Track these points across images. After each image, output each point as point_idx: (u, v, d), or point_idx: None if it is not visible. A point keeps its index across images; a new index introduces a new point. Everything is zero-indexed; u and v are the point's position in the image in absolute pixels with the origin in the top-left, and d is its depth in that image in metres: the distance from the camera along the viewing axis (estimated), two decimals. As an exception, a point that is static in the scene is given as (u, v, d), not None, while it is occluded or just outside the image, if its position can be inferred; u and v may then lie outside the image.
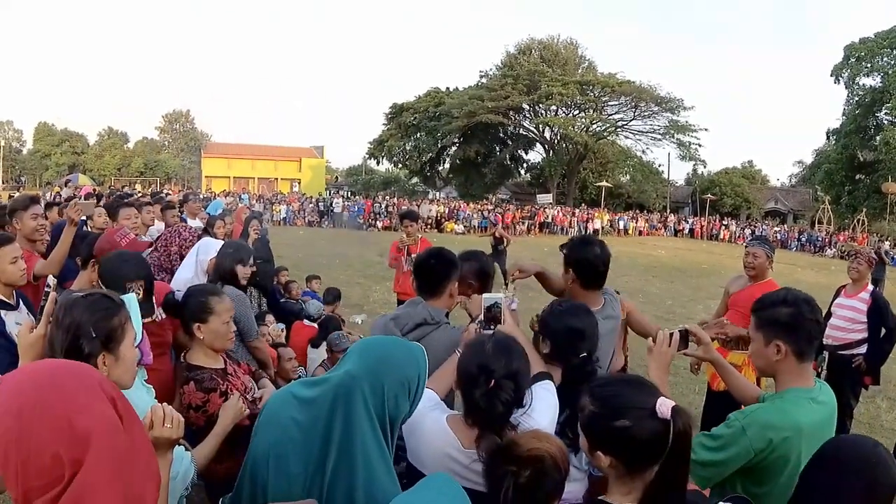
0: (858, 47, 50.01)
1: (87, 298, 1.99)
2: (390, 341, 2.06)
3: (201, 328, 3.03)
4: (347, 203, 41.12)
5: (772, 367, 2.41)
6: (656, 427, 1.70)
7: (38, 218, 4.59)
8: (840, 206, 50.50)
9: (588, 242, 3.32)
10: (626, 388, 1.81)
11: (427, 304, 3.10)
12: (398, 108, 63.03)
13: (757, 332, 2.43)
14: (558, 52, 61.71)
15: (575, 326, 2.57)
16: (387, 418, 1.83)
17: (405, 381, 1.86)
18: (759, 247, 5.44)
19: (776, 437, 2.24)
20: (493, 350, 2.14)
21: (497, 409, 2.05)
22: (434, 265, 3.16)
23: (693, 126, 54.88)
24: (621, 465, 1.76)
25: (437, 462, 2.12)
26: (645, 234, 44.98)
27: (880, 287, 18.61)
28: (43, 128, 78.05)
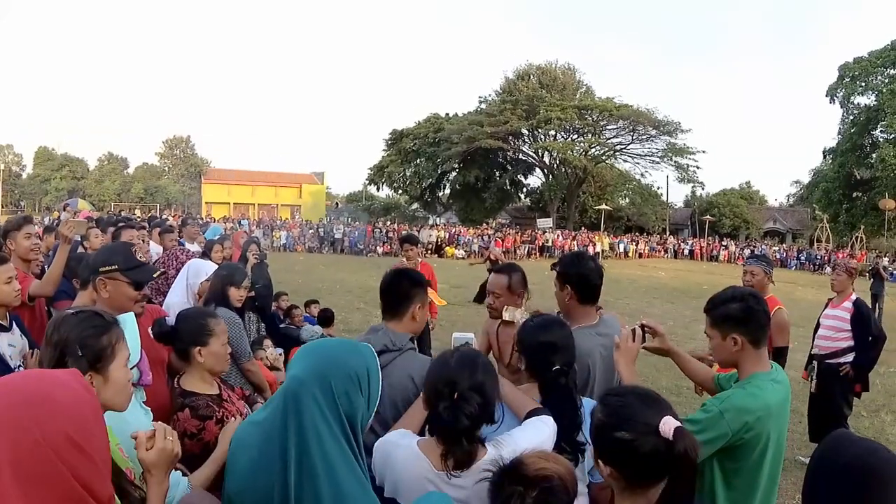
0: (853, 66, 50.41)
1: (77, 315, 1.96)
2: (333, 341, 2.03)
3: (202, 352, 2.93)
4: (348, 229, 41.15)
5: (732, 358, 2.62)
6: (658, 445, 1.68)
7: (32, 238, 4.56)
8: (838, 224, 50.68)
9: (582, 257, 3.37)
10: (636, 401, 1.80)
11: (388, 328, 2.85)
12: (398, 134, 63.24)
13: (713, 329, 2.64)
14: (556, 77, 62.14)
15: (546, 340, 2.55)
16: (343, 418, 1.74)
17: (353, 375, 1.78)
18: (756, 265, 5.52)
19: (751, 418, 2.43)
20: (456, 363, 2.12)
21: (461, 422, 1.99)
22: (398, 284, 2.96)
23: (691, 148, 55.12)
24: (621, 478, 1.76)
25: (414, 489, 2.06)
26: (645, 257, 45.06)
27: (880, 302, 18.61)
28: (43, 152, 78.49)
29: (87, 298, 3.59)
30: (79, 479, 1.23)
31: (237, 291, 4.32)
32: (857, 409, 8.46)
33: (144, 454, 1.82)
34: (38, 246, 4.52)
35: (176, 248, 6.81)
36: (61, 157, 79.02)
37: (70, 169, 78.23)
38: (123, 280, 3.10)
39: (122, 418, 2.01)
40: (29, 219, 4.82)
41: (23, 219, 4.74)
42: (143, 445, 1.82)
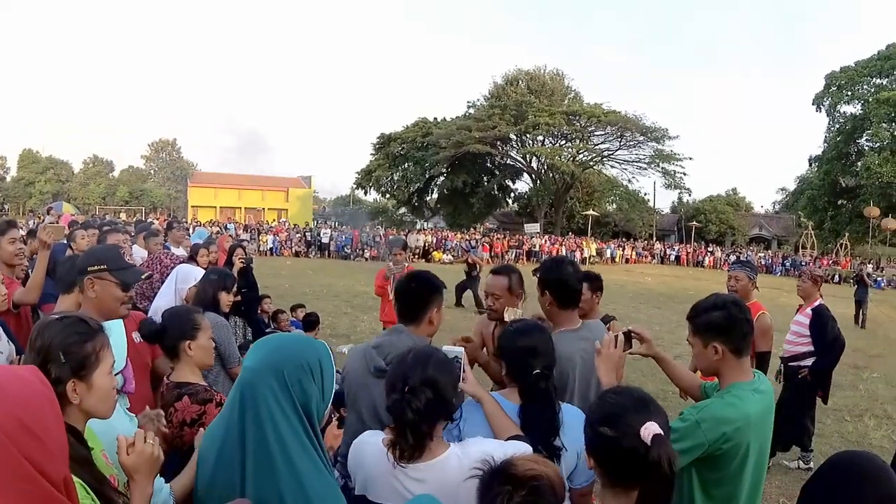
0: (839, 76, 51.07)
1: (62, 321, 1.93)
2: (286, 335, 2.06)
3: (191, 346, 2.99)
4: (335, 233, 41.04)
5: (713, 366, 2.60)
6: (637, 447, 1.70)
7: (17, 242, 4.52)
8: (823, 231, 51.22)
9: (563, 263, 3.36)
10: (628, 401, 1.84)
11: (410, 332, 2.89)
12: (386, 138, 63.23)
13: (695, 337, 2.63)
14: (545, 82, 62.37)
15: (525, 345, 2.55)
16: (298, 406, 1.76)
17: (305, 364, 1.80)
18: (740, 270, 5.57)
19: (729, 428, 2.39)
20: (412, 360, 2.14)
21: (406, 414, 2.01)
22: (415, 289, 2.96)
23: (678, 155, 55.47)
24: (603, 473, 1.82)
25: (380, 483, 2.09)
26: (632, 262, 45.22)
27: (863, 308, 18.81)
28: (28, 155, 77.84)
29: (69, 303, 3.57)
30: (31, 461, 1.25)
31: (227, 297, 4.35)
32: (840, 414, 8.56)
33: (125, 458, 1.81)
34: (23, 251, 4.48)
35: (161, 252, 6.75)
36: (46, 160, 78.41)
37: (55, 172, 77.65)
38: (111, 280, 3.10)
39: (106, 425, 1.99)
40: (13, 223, 4.78)
41: (6, 223, 4.69)
42: (123, 450, 1.82)
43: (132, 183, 79.46)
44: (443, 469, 2.04)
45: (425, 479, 2.04)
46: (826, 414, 8.48)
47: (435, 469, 2.05)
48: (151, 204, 73.69)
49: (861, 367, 12.12)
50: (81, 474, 1.71)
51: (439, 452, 2.08)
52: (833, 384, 10.25)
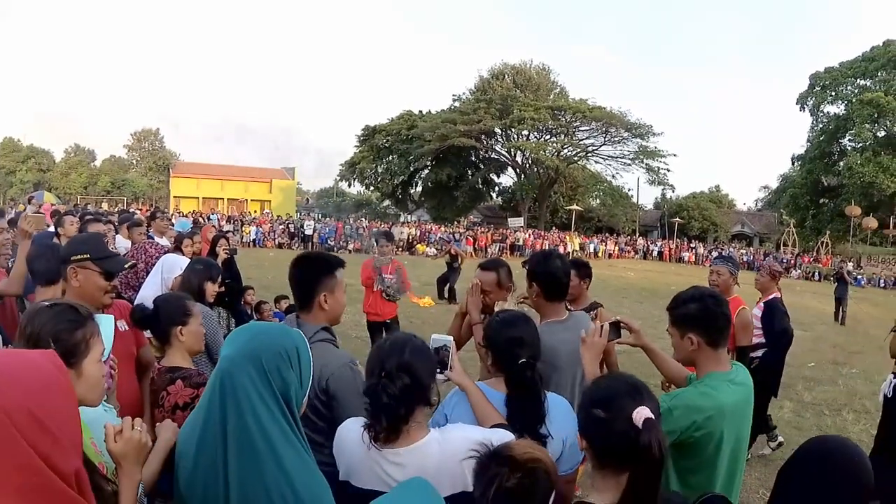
0: (823, 76, 51.50)
1: (52, 308, 1.92)
2: (262, 323, 2.06)
3: (182, 331, 3.00)
4: (318, 225, 40.91)
5: (689, 357, 2.68)
6: (627, 431, 1.74)
7: (3, 232, 4.50)
8: (805, 229, 51.68)
9: (551, 256, 3.42)
10: (621, 387, 1.88)
11: (300, 319, 2.80)
12: (370, 130, 63.08)
13: (672, 328, 2.71)
14: (531, 77, 62.44)
15: (512, 335, 2.57)
16: (278, 394, 1.75)
17: (283, 351, 1.80)
18: (722, 265, 5.61)
19: (699, 417, 2.45)
20: (388, 346, 2.16)
21: (381, 399, 2.03)
22: (300, 272, 2.84)
23: (662, 151, 55.88)
24: (594, 455, 1.87)
25: (362, 469, 2.11)
26: (615, 257, 45.38)
27: (843, 305, 19.02)
28: (8, 143, 76.81)
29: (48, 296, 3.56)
30: (39, 453, 1.23)
31: (213, 287, 4.36)
32: (819, 408, 8.68)
33: (113, 445, 1.81)
34: (9, 241, 4.45)
35: (145, 241, 6.72)
36: (27, 149, 77.41)
37: (36, 161, 76.67)
38: (95, 269, 3.08)
39: (95, 413, 1.98)
40: (1, 213, 4.74)
41: None
42: (111, 437, 1.81)
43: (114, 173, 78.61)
44: (423, 454, 2.06)
45: (405, 463, 2.06)
46: (805, 408, 8.59)
47: (415, 454, 2.06)
48: (133, 194, 73.03)
49: (840, 363, 12.28)
50: None
51: (419, 437, 2.09)
52: (813, 379, 10.47)
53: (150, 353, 3.45)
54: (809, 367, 11.65)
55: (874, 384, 10.47)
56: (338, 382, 2.55)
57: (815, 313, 20.48)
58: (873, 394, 9.79)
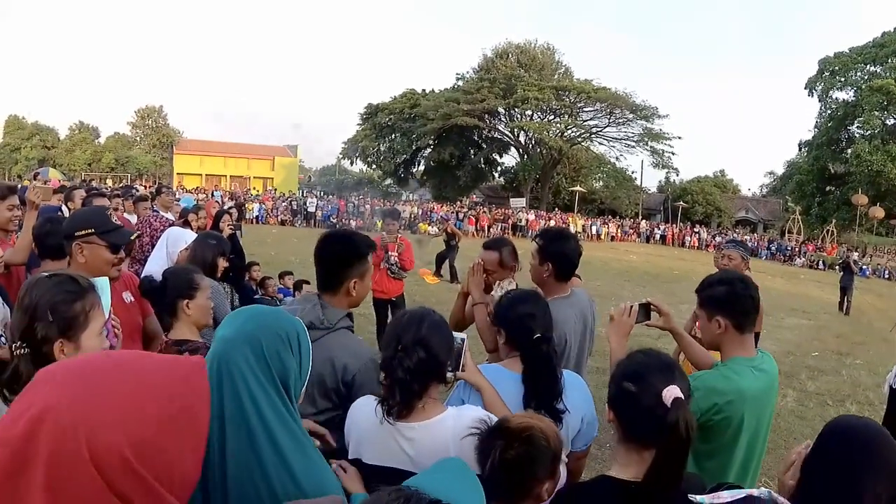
0: (833, 61, 51.02)
1: (51, 279, 1.88)
2: (261, 306, 1.93)
3: (189, 304, 2.99)
4: (321, 203, 40.92)
5: (715, 340, 2.67)
6: (655, 407, 1.77)
7: (14, 209, 4.47)
8: (810, 217, 51.37)
9: (565, 237, 3.44)
10: (653, 362, 1.91)
11: (323, 300, 2.62)
12: (373, 108, 62.91)
13: (700, 309, 2.71)
14: (535, 56, 62.01)
15: (525, 311, 2.56)
16: (276, 379, 1.64)
17: (283, 335, 1.69)
18: (734, 249, 5.49)
19: (720, 400, 2.47)
20: (406, 321, 2.14)
21: (396, 372, 2.02)
22: (335, 252, 2.66)
23: (667, 134, 55.52)
24: (620, 427, 1.89)
25: (374, 443, 2.10)
26: (618, 240, 45.32)
27: (848, 295, 18.90)
28: (13, 121, 76.68)
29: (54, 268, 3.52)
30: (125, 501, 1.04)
31: (223, 262, 4.35)
32: (822, 398, 8.67)
33: None
34: (19, 217, 4.41)
35: (150, 215, 6.69)
36: (32, 126, 77.17)
37: (41, 138, 76.48)
38: (101, 243, 3.04)
39: None
40: (14, 189, 4.70)
41: (7, 189, 4.63)
42: None
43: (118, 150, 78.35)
44: (437, 430, 2.05)
45: (417, 438, 2.05)
46: (809, 398, 8.58)
47: (429, 429, 2.06)
48: (137, 171, 72.90)
49: (844, 354, 12.25)
50: None
51: (434, 414, 2.09)
52: (816, 369, 10.47)
53: (157, 325, 3.43)
54: (813, 356, 11.65)
55: (878, 376, 10.47)
56: (363, 377, 2.48)
57: (819, 303, 20.46)
58: (877, 385, 9.79)
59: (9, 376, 1.79)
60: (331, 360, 2.45)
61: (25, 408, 1.01)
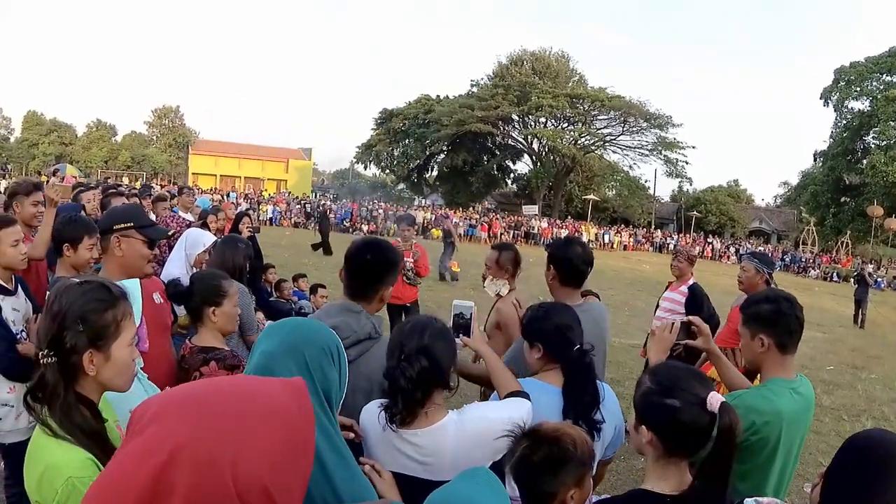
0: (848, 71, 50.67)
1: (81, 286, 1.81)
2: (298, 318, 1.95)
3: (216, 312, 2.99)
4: (334, 206, 41.01)
5: (757, 358, 2.61)
6: (702, 417, 1.78)
7: (39, 205, 4.52)
8: (825, 228, 51.03)
9: (571, 242, 3.49)
10: (685, 374, 1.90)
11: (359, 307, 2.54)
12: (388, 113, 63.08)
13: (744, 327, 2.65)
14: (550, 64, 62.01)
15: (563, 323, 2.58)
16: (320, 392, 1.64)
17: (325, 346, 1.69)
18: (748, 261, 5.50)
19: (758, 420, 2.43)
20: (408, 329, 2.15)
21: (399, 381, 2.02)
22: (372, 262, 2.58)
23: (681, 143, 55.43)
24: (660, 444, 1.83)
25: (382, 449, 2.11)
26: (630, 249, 45.12)
27: (863, 308, 18.76)
28: (32, 117, 77.28)
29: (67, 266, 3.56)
30: None
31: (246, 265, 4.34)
32: (837, 413, 8.59)
33: None
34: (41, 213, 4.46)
35: (168, 215, 6.72)
36: (50, 122, 77.80)
37: (58, 134, 77.07)
38: (138, 238, 3.06)
39: (122, 395, 1.90)
40: (39, 185, 4.74)
41: (33, 185, 4.68)
42: None
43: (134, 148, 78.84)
44: (439, 435, 2.07)
45: (421, 444, 2.06)
46: (824, 412, 8.49)
47: (432, 435, 2.07)
48: (153, 169, 73.38)
49: (860, 368, 12.16)
50: (93, 449, 1.67)
51: (437, 419, 2.09)
52: (832, 383, 10.38)
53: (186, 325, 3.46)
54: (828, 370, 11.54)
55: (893, 391, 10.40)
56: None
57: (834, 315, 20.29)
58: (892, 401, 9.74)
59: (34, 384, 1.73)
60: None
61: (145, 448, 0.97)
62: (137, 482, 0.93)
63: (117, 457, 1.02)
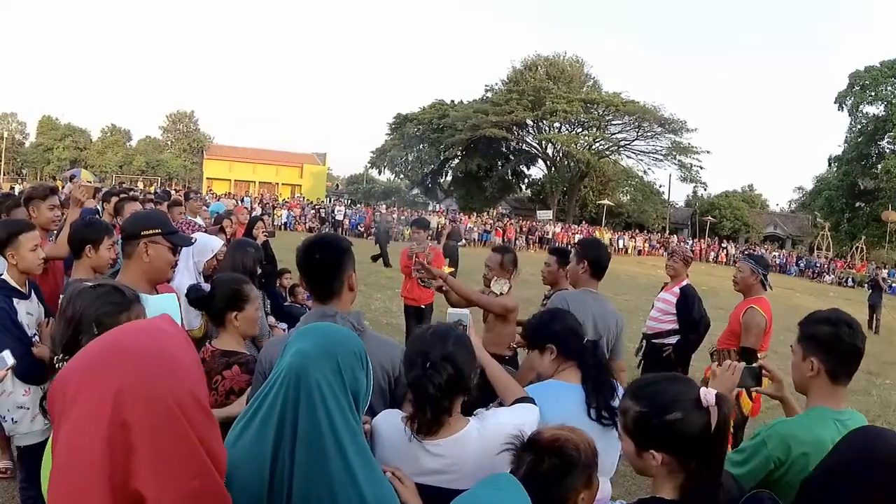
0: (863, 75, 50.27)
1: (95, 289, 1.85)
2: (326, 323, 1.93)
3: (238, 317, 3.00)
4: (348, 211, 41.12)
5: (805, 382, 2.43)
6: (702, 417, 1.75)
7: (55, 209, 4.57)
8: (839, 233, 50.64)
9: (599, 243, 4.56)
10: (666, 384, 1.85)
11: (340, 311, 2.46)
12: (402, 118, 63.21)
13: (798, 344, 2.47)
14: (564, 69, 61.92)
15: (571, 322, 2.75)
16: (350, 395, 1.65)
17: (356, 350, 1.71)
18: (744, 262, 5.49)
19: (796, 449, 2.24)
20: (430, 336, 2.15)
21: (427, 389, 2.02)
22: (321, 259, 2.50)
23: (695, 148, 55.15)
24: (674, 460, 1.77)
25: (402, 460, 2.09)
26: (644, 255, 44.94)
27: (877, 313, 18.61)
28: (47, 121, 78.14)
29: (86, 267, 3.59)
30: (203, 442, 1.14)
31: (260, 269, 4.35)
32: (854, 419, 8.50)
33: None
34: (59, 217, 4.50)
35: (183, 221, 6.77)
36: (65, 127, 78.70)
37: (73, 139, 77.93)
38: (165, 244, 3.09)
39: None
40: (55, 190, 4.81)
41: (49, 189, 4.74)
42: None
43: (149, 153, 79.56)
44: (464, 444, 2.07)
45: (445, 453, 2.06)
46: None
47: (456, 444, 2.07)
48: (167, 174, 73.92)
49: (874, 374, 12.08)
50: None
51: (459, 427, 2.10)
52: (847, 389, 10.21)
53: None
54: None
55: (908, 398, 10.32)
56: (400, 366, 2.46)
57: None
58: (907, 407, 9.66)
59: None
60: (379, 363, 2.41)
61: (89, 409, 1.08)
62: (97, 437, 1.05)
63: (63, 436, 1.10)
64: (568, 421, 2.15)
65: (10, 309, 3.41)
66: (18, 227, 3.63)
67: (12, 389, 3.45)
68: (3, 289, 3.50)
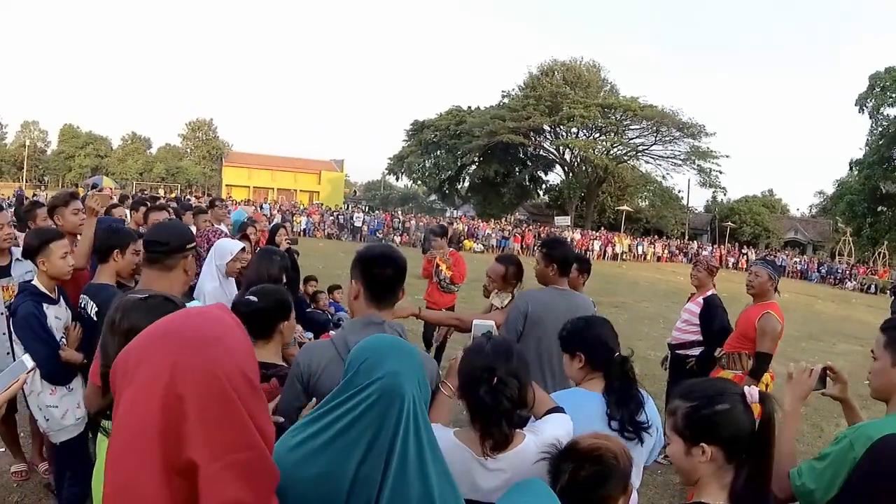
0: (884, 77, 49.56)
1: (146, 302, 1.89)
2: (394, 337, 1.91)
3: (285, 325, 2.99)
4: (367, 217, 41.30)
5: (888, 389, 2.32)
6: (748, 413, 1.81)
7: (79, 213, 4.65)
8: (861, 238, 49.95)
9: (563, 243, 4.37)
10: (713, 382, 1.96)
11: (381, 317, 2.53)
12: (419, 125, 63.38)
13: (883, 350, 2.33)
14: (581, 74, 61.88)
15: (604, 333, 2.70)
16: (427, 410, 1.72)
17: (426, 368, 1.80)
18: (762, 266, 5.43)
19: None
20: (493, 352, 2.16)
21: (503, 404, 2.04)
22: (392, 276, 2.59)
23: (714, 153, 54.87)
24: (722, 454, 1.80)
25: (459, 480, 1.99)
26: (664, 261, 44.71)
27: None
28: (68, 129, 79.08)
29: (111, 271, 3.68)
30: (252, 417, 1.19)
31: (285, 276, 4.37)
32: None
33: None
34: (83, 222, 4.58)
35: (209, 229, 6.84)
36: (86, 135, 79.68)
37: (94, 147, 78.86)
38: (194, 256, 3.25)
39: None
40: (75, 194, 4.89)
41: (69, 195, 4.82)
42: None
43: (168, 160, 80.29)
44: (523, 457, 2.07)
45: (505, 468, 2.06)
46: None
47: (517, 457, 2.07)
48: (187, 181, 74.54)
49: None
50: None
51: (518, 441, 2.11)
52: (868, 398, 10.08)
53: None
54: (865, 384, 11.26)
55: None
56: None
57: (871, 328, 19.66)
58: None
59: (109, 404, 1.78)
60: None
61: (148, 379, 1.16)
62: (154, 404, 1.12)
63: (124, 401, 1.17)
64: (586, 429, 2.18)
65: (39, 314, 3.57)
66: (49, 235, 3.78)
67: (41, 389, 3.61)
68: (33, 294, 3.62)
